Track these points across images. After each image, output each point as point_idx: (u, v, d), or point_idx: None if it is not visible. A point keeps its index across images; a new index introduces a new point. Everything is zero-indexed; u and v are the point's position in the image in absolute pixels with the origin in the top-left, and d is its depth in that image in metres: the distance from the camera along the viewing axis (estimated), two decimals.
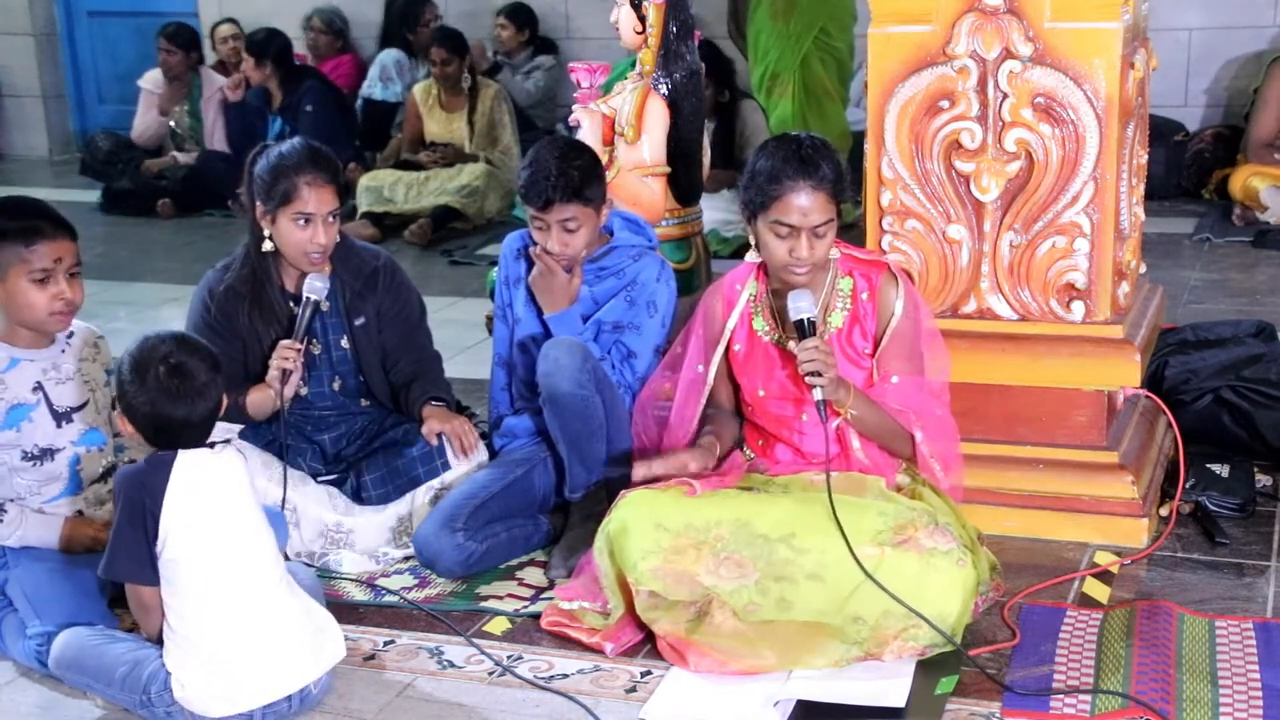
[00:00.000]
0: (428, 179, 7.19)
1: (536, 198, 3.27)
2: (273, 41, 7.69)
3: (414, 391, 3.47)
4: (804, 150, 2.93)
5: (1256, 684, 2.61)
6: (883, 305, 3.03)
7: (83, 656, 2.70)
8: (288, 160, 3.25)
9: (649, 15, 3.96)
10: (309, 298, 3.29)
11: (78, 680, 2.72)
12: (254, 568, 2.62)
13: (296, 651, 2.62)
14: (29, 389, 2.96)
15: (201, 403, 2.61)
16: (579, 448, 3.25)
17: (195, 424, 2.61)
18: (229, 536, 2.60)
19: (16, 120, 10.08)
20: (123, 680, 2.62)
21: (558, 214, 3.27)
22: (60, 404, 3.00)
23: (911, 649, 2.72)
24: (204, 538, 2.57)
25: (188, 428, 2.61)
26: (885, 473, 3.02)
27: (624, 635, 2.86)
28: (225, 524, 2.60)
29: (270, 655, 2.59)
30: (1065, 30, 3.19)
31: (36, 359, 2.99)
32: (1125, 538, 3.24)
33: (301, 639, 2.64)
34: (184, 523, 2.56)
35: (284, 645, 2.61)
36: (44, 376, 2.99)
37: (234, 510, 2.63)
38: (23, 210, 2.96)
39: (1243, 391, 3.63)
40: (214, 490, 2.61)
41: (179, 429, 2.61)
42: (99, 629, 2.79)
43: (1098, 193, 3.24)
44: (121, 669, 2.63)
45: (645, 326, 3.39)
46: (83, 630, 2.76)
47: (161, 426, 2.61)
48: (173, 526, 2.56)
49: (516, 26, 8.38)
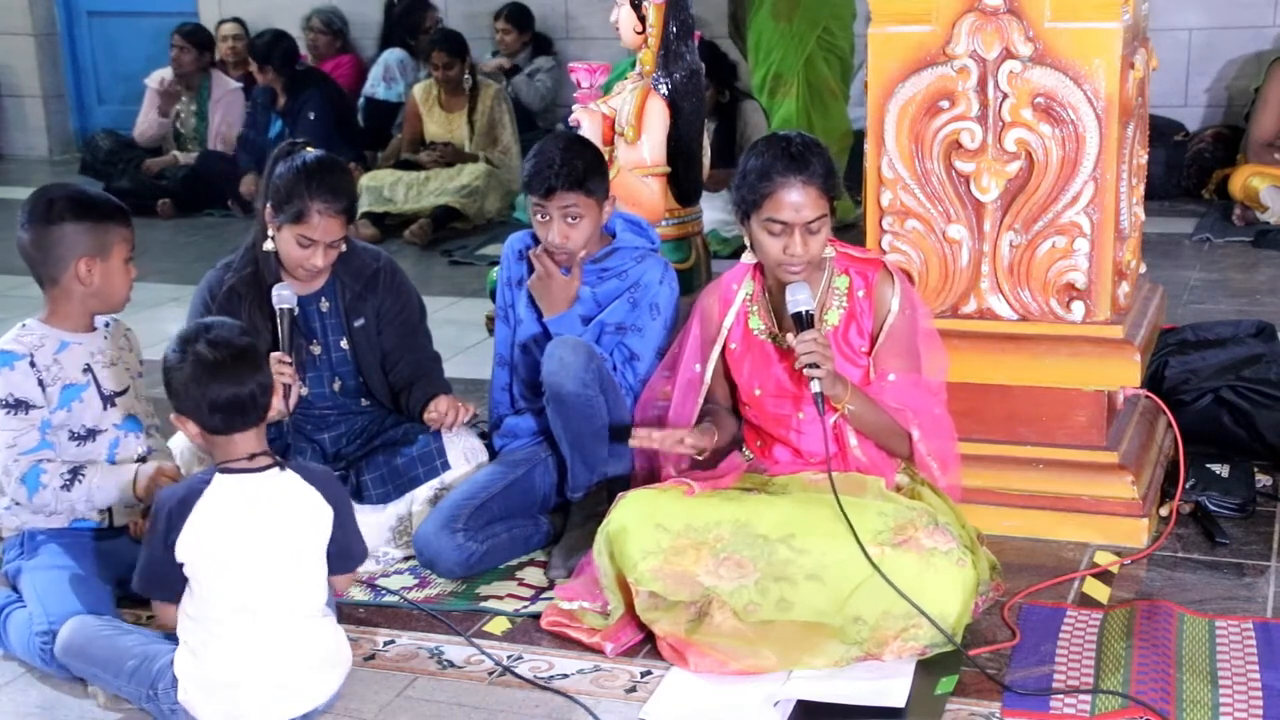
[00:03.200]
0: (428, 179, 7.19)
1: (540, 184, 3.27)
2: (276, 46, 7.70)
3: (415, 393, 3.47)
4: (793, 147, 2.93)
5: (1256, 684, 2.61)
6: (879, 303, 3.03)
7: (91, 645, 2.70)
8: (307, 181, 3.24)
9: (649, 15, 3.96)
10: (281, 309, 3.28)
11: (83, 668, 2.71)
12: (276, 597, 2.58)
13: (307, 679, 2.62)
14: (80, 370, 3.04)
15: (247, 377, 2.58)
16: (581, 448, 3.25)
17: (244, 402, 2.58)
18: (254, 564, 2.56)
19: (16, 120, 10.08)
20: (132, 672, 2.62)
21: (560, 201, 3.27)
22: (107, 387, 3.07)
23: (911, 649, 2.72)
24: (223, 564, 2.55)
25: (236, 407, 2.58)
26: (884, 472, 3.02)
27: (624, 635, 2.86)
28: (251, 551, 2.56)
29: (278, 682, 2.58)
30: (1065, 30, 3.20)
31: (84, 343, 3.07)
32: (1125, 538, 3.24)
33: (314, 668, 2.63)
34: (202, 550, 2.54)
35: (294, 674, 2.60)
36: (91, 359, 3.07)
37: (264, 539, 2.58)
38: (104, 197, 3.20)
39: (1243, 391, 3.63)
40: (244, 517, 2.57)
41: (229, 409, 2.58)
42: (108, 619, 2.80)
43: (1098, 193, 3.24)
44: (131, 661, 2.63)
45: (648, 329, 3.39)
46: (91, 619, 2.77)
47: (213, 407, 2.57)
48: (189, 552, 2.54)
49: (518, 29, 8.38)
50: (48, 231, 2.98)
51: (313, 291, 3.41)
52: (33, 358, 2.97)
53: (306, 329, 3.40)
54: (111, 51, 9.96)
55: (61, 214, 2.98)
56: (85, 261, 2.98)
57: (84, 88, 10.18)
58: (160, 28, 8.68)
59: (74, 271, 2.98)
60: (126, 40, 9.82)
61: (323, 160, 3.31)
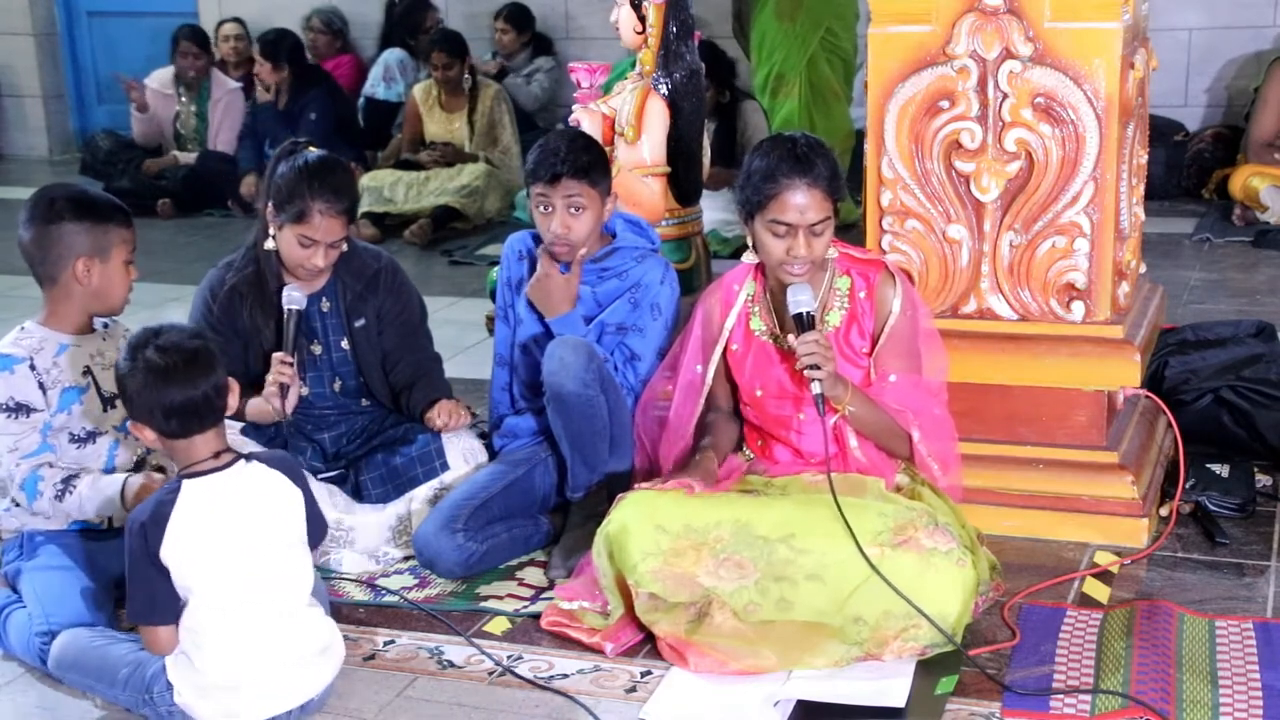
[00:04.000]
0: (428, 179, 7.19)
1: (545, 171, 3.28)
2: (284, 42, 7.69)
3: (415, 394, 3.47)
4: (799, 149, 2.93)
5: (1256, 684, 2.61)
6: (880, 304, 3.03)
7: (84, 657, 2.70)
8: (309, 181, 3.24)
9: (649, 15, 3.95)
10: (289, 309, 3.29)
11: (78, 681, 2.72)
12: (268, 591, 2.58)
13: (301, 672, 2.62)
14: (79, 372, 3.04)
15: (200, 379, 2.55)
16: (582, 448, 3.25)
17: (198, 405, 2.56)
18: (239, 562, 2.56)
19: (16, 120, 10.08)
20: (125, 680, 2.62)
21: (564, 190, 3.27)
22: (106, 388, 3.06)
23: (911, 649, 2.72)
24: (209, 567, 2.54)
25: (190, 410, 2.56)
26: (884, 473, 3.02)
27: (624, 635, 2.86)
28: (235, 550, 2.56)
29: (274, 678, 2.58)
30: (1065, 30, 3.20)
31: (83, 344, 3.06)
32: (1125, 538, 3.24)
33: (307, 659, 2.63)
34: (186, 558, 2.53)
35: (289, 667, 2.60)
36: (91, 361, 3.06)
37: (247, 534, 2.58)
38: (106, 198, 3.19)
39: (1243, 391, 3.63)
40: (222, 518, 2.56)
41: (183, 413, 2.56)
42: (99, 630, 2.79)
43: (1098, 193, 3.24)
44: (124, 670, 2.63)
45: (649, 329, 3.39)
46: (83, 631, 2.77)
47: (166, 413, 2.55)
48: (174, 561, 2.53)
49: (517, 29, 8.38)
50: (47, 230, 2.98)
51: (314, 291, 3.41)
52: (33, 360, 2.97)
53: (307, 329, 3.41)
54: (111, 51, 9.96)
55: (61, 213, 2.98)
56: (84, 261, 2.98)
57: (84, 88, 10.19)
58: (160, 28, 8.67)
59: (72, 271, 2.98)
60: (126, 40, 9.82)
61: (324, 160, 3.32)
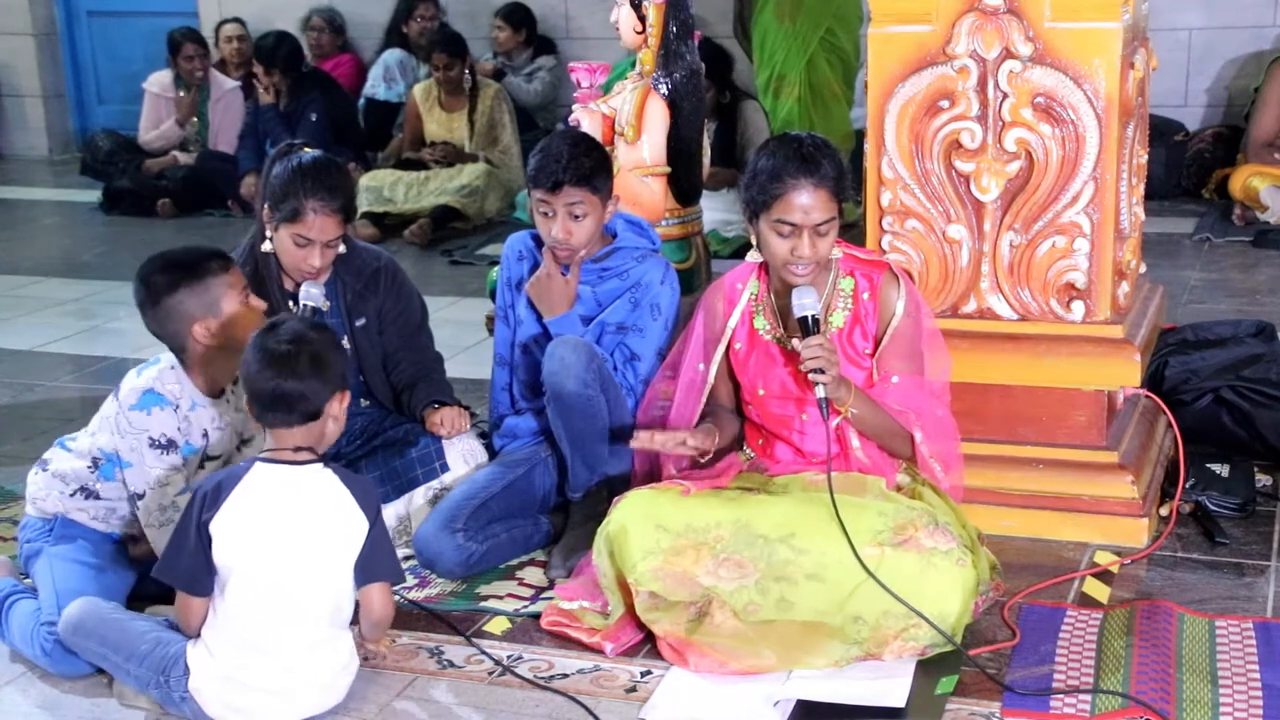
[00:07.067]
0: (428, 179, 7.19)
1: (546, 179, 3.27)
2: (280, 47, 7.68)
3: (416, 395, 3.48)
4: (805, 149, 2.93)
5: (1256, 684, 2.61)
6: (884, 305, 3.03)
7: (104, 627, 2.71)
8: (303, 180, 3.24)
9: (649, 15, 3.95)
10: (306, 305, 3.29)
11: (91, 648, 2.72)
12: (299, 593, 2.58)
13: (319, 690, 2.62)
14: (200, 434, 3.03)
15: (288, 376, 2.58)
16: (582, 447, 3.25)
17: (284, 399, 2.58)
18: (278, 556, 2.57)
19: (16, 120, 10.08)
20: (144, 656, 2.63)
21: (566, 198, 3.27)
22: (213, 451, 3.07)
23: (911, 649, 2.72)
24: (252, 550, 2.55)
25: (276, 402, 2.59)
26: (885, 473, 3.02)
27: (624, 635, 2.86)
28: (276, 543, 2.57)
29: (289, 687, 2.58)
30: (1065, 30, 3.20)
31: (208, 406, 3.05)
32: (1125, 538, 3.24)
33: (326, 683, 2.63)
34: (233, 536, 2.55)
35: (308, 685, 2.60)
36: (210, 425, 3.05)
37: (293, 532, 2.59)
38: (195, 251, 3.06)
39: (1243, 391, 3.63)
40: (276, 508, 2.58)
41: (269, 402, 2.59)
42: (116, 605, 2.82)
43: (1098, 193, 3.24)
44: (145, 645, 2.64)
45: (649, 329, 3.39)
46: (103, 603, 2.78)
47: (252, 396, 2.61)
48: (219, 535, 2.55)
49: (513, 27, 8.36)
50: (156, 312, 2.97)
51: None
52: (177, 406, 2.98)
53: None
54: (111, 51, 9.96)
55: (159, 289, 2.95)
56: (200, 326, 2.95)
57: (84, 88, 10.18)
58: (160, 28, 8.66)
59: (194, 337, 2.96)
60: (126, 40, 9.82)
61: (319, 160, 3.31)
